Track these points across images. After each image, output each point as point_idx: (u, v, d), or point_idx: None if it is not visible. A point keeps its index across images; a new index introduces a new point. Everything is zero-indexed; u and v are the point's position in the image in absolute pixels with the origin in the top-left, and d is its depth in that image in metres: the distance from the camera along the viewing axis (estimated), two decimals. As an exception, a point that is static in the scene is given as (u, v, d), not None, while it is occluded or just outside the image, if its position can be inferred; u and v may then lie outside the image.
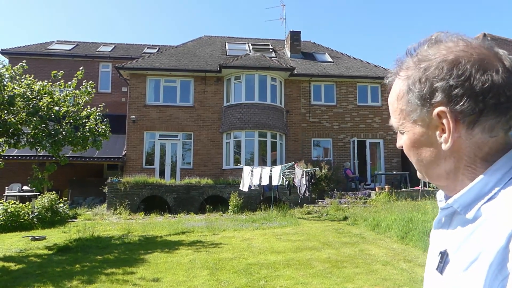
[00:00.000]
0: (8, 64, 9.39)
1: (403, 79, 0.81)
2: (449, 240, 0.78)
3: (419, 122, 0.79)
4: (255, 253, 7.68)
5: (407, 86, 0.79)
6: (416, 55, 0.80)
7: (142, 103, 18.29)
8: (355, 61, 21.70)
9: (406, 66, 0.81)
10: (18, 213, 11.55)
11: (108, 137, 10.24)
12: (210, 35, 23.83)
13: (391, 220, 9.83)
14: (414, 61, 0.79)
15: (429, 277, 0.83)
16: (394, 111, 0.84)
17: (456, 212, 0.78)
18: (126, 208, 14.64)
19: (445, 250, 0.77)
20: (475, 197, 0.74)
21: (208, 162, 18.17)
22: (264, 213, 13.59)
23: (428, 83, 0.75)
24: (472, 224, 0.73)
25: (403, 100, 0.81)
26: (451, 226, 0.80)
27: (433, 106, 0.75)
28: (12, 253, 8.11)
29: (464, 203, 0.75)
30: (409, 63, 0.81)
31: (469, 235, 0.72)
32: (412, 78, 0.78)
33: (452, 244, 0.76)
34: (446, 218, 0.82)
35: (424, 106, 0.77)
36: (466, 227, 0.74)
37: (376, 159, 19.47)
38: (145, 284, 5.79)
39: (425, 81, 0.76)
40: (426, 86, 0.76)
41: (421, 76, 0.77)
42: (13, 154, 16.63)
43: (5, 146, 9.34)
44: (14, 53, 21.63)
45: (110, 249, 8.39)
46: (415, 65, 0.78)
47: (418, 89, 0.77)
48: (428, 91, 0.75)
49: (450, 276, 0.73)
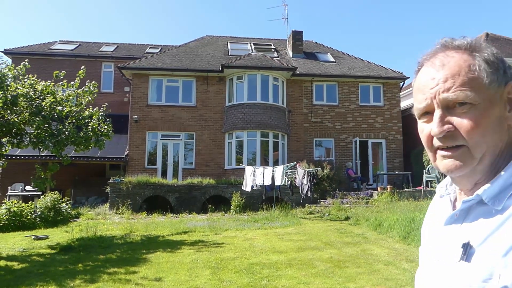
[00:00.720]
0: (11, 64, 9.43)
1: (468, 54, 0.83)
2: (468, 232, 0.80)
3: (495, 94, 0.81)
4: (257, 253, 7.68)
5: (484, 59, 0.81)
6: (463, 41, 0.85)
7: (144, 103, 18.32)
8: (357, 61, 21.68)
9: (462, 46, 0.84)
10: (21, 212, 11.60)
11: (111, 137, 10.26)
12: (212, 35, 23.85)
13: (393, 220, 9.82)
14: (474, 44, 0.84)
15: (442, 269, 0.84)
16: (467, 81, 0.80)
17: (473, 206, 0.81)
18: (129, 208, 14.67)
19: (468, 241, 0.78)
20: (501, 188, 0.77)
21: (210, 162, 18.19)
22: (266, 213, 13.59)
23: (501, 60, 0.82)
24: (502, 215, 0.75)
25: (480, 71, 0.81)
26: (468, 220, 0.82)
27: (505, 79, 0.81)
28: (15, 252, 8.15)
29: (492, 193, 0.77)
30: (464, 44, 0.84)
31: (500, 225, 0.74)
32: (486, 54, 0.82)
33: (475, 235, 0.78)
34: (461, 213, 0.83)
35: (501, 79, 0.81)
36: (494, 218, 0.76)
37: (378, 159, 19.45)
38: (147, 283, 5.80)
39: (499, 58, 0.83)
40: (500, 62, 0.82)
41: (494, 53, 0.83)
42: (16, 153, 16.70)
43: (8, 146, 9.37)
44: (17, 53, 21.69)
45: (113, 248, 8.42)
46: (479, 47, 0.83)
47: (497, 63, 0.82)
48: (503, 66, 0.82)
49: (482, 263, 0.74)
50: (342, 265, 6.67)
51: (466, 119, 0.79)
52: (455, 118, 0.80)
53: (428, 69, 0.85)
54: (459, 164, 0.80)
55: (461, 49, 0.83)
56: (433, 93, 0.82)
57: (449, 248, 0.83)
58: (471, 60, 0.81)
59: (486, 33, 21.75)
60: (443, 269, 0.83)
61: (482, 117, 0.79)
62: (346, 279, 5.84)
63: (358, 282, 5.70)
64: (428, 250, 0.92)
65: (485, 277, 0.73)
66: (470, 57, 0.82)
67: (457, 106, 0.80)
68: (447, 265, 0.82)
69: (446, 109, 0.81)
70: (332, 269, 6.45)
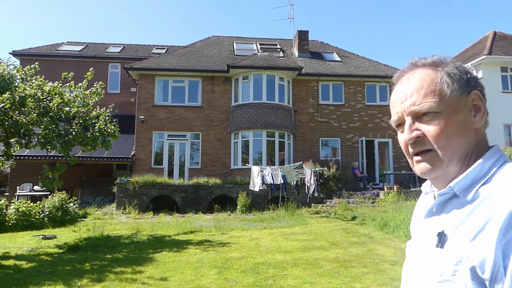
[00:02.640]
0: (19, 65, 9.53)
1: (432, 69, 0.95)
2: (444, 222, 0.89)
3: (458, 102, 0.91)
4: (263, 253, 7.70)
5: (446, 73, 0.93)
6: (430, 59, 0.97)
7: (150, 103, 18.41)
8: (364, 60, 21.60)
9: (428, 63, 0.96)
10: (29, 212, 11.72)
11: (117, 137, 10.33)
12: (218, 35, 23.89)
13: (400, 220, 9.78)
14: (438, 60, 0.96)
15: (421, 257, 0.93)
16: (429, 93, 0.92)
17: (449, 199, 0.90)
18: (135, 208, 14.76)
19: (442, 230, 0.88)
20: (472, 181, 0.87)
21: (216, 162, 18.22)
22: (272, 213, 13.60)
23: (463, 72, 0.94)
24: (471, 205, 0.85)
25: (442, 83, 0.92)
26: (444, 212, 0.91)
27: (468, 89, 0.92)
28: (23, 251, 8.24)
29: (463, 186, 0.87)
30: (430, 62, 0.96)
31: (469, 214, 0.84)
32: (448, 68, 0.94)
33: (449, 224, 0.88)
34: (438, 207, 0.93)
35: (463, 89, 0.92)
36: (464, 208, 0.86)
37: (385, 158, 19.36)
38: (153, 283, 5.84)
39: (461, 70, 0.94)
40: (463, 73, 0.93)
41: (457, 67, 0.94)
42: (24, 154, 16.86)
43: (17, 146, 9.48)
44: (25, 54, 21.90)
45: (119, 248, 8.48)
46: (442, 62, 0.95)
47: (459, 74, 0.93)
48: (465, 77, 0.93)
49: (453, 248, 0.84)
50: (348, 265, 6.66)
51: (432, 125, 0.91)
52: (423, 126, 0.92)
53: (398, 87, 0.99)
54: (429, 167, 0.92)
55: (426, 66, 0.96)
56: (403, 107, 0.95)
57: (428, 238, 0.92)
58: (434, 74, 0.94)
59: (494, 32, 21.56)
60: (422, 257, 0.93)
61: (446, 123, 0.90)
62: (352, 279, 5.83)
63: (364, 282, 5.69)
64: (413, 243, 1.02)
65: (456, 260, 0.82)
66: (433, 71, 0.94)
67: (424, 115, 0.92)
68: (425, 253, 0.92)
69: (415, 119, 0.93)
70: (338, 269, 6.44)
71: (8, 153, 9.41)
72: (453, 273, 0.82)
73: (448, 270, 0.83)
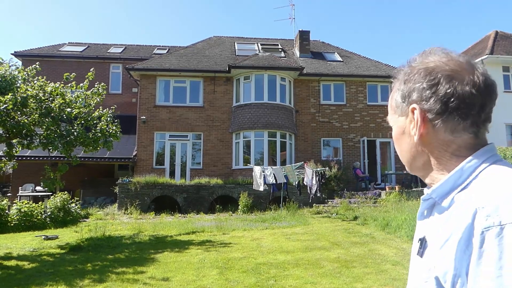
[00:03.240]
0: (21, 66, 9.55)
1: (396, 82, 0.99)
2: (427, 228, 0.90)
3: (401, 116, 0.95)
4: (265, 253, 7.69)
5: (397, 87, 0.97)
6: (409, 63, 0.97)
7: (152, 104, 18.43)
8: (365, 60, 21.58)
9: (400, 72, 0.98)
10: (31, 212, 11.74)
11: (119, 137, 10.34)
12: (219, 36, 23.91)
13: (401, 220, 9.76)
14: (405, 68, 0.97)
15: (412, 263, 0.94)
16: (390, 109, 1.01)
17: (436, 203, 0.89)
18: (137, 208, 14.77)
19: (423, 236, 0.89)
20: (451, 187, 0.85)
21: (217, 162, 18.23)
22: (273, 213, 13.59)
23: (409, 84, 0.92)
24: (447, 211, 0.84)
25: (393, 99, 0.98)
26: (431, 216, 0.91)
27: (410, 103, 0.92)
28: (25, 252, 8.25)
29: (441, 193, 0.87)
30: (402, 70, 0.97)
31: (445, 221, 0.83)
32: (400, 80, 0.96)
33: (430, 230, 0.88)
34: (427, 210, 0.93)
35: (404, 103, 0.93)
36: (443, 215, 0.85)
37: (387, 158, 19.34)
38: (155, 283, 5.84)
39: (407, 83, 0.93)
40: (407, 87, 0.93)
41: (406, 79, 0.94)
42: (26, 154, 16.90)
43: (19, 147, 9.51)
44: (27, 55, 21.96)
45: (121, 248, 8.49)
46: (404, 71, 0.96)
47: (402, 89, 0.95)
48: (408, 91, 0.92)
49: (428, 256, 0.85)
50: (349, 265, 6.65)
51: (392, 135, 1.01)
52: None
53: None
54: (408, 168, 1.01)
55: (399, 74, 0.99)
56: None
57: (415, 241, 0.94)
58: (394, 87, 0.99)
59: (496, 31, 21.52)
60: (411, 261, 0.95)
61: (395, 134, 0.98)
62: (354, 279, 5.83)
63: (365, 282, 5.68)
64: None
65: (430, 267, 0.83)
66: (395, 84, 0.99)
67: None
68: (412, 258, 0.94)
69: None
70: (340, 269, 6.43)
71: (10, 154, 9.44)
72: (426, 279, 0.83)
73: (423, 277, 0.85)
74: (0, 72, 8.61)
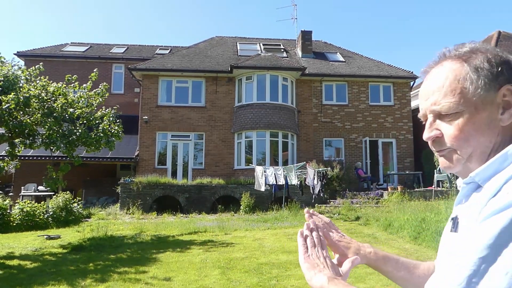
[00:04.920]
0: (23, 66, 9.57)
1: (459, 63, 0.88)
2: (461, 209, 0.90)
3: (482, 100, 0.85)
4: (266, 253, 7.69)
5: (473, 67, 0.86)
6: (463, 48, 0.91)
7: (154, 104, 18.45)
8: (367, 61, 21.55)
9: (459, 54, 0.90)
10: (34, 212, 11.77)
11: (121, 137, 10.35)
12: (221, 36, 23.91)
13: (404, 220, 9.74)
14: (467, 51, 0.90)
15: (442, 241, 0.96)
16: (449, 92, 0.88)
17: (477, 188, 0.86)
18: (139, 208, 14.79)
19: (456, 216, 0.90)
20: (494, 171, 0.83)
21: (219, 162, 18.24)
22: (275, 213, 13.58)
23: (496, 63, 0.86)
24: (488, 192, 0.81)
25: (464, 80, 0.86)
26: (468, 201, 0.89)
27: (499, 84, 0.85)
28: (27, 251, 8.27)
29: (484, 177, 0.83)
30: (461, 52, 0.90)
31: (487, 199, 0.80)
32: (477, 61, 0.87)
33: (463, 211, 0.88)
34: (465, 198, 0.90)
35: (491, 85, 0.85)
36: (481, 195, 0.82)
37: (389, 159, 19.30)
38: (157, 283, 5.84)
39: (493, 63, 0.86)
40: (495, 66, 0.85)
41: (489, 58, 0.87)
42: (28, 154, 16.93)
43: (21, 147, 9.53)
44: (29, 55, 22.02)
45: (123, 248, 8.49)
46: (474, 53, 0.89)
47: (487, 68, 0.86)
48: (496, 71, 0.85)
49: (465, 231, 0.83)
50: (351, 266, 6.63)
51: (451, 126, 0.87)
52: (443, 125, 0.89)
53: (425, 81, 0.95)
54: (449, 163, 0.91)
55: (454, 58, 0.90)
56: (426, 104, 0.92)
57: (448, 224, 0.95)
58: (459, 69, 0.88)
59: (499, 31, 21.44)
60: (442, 241, 0.95)
61: (466, 124, 0.86)
62: (356, 279, 5.81)
63: (367, 282, 5.67)
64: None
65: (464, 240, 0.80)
66: (460, 65, 0.88)
67: (446, 115, 0.88)
68: (444, 237, 0.95)
69: (437, 117, 0.91)
70: (342, 269, 6.41)
71: (12, 153, 9.47)
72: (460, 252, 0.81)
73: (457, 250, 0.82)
74: (2, 72, 8.64)
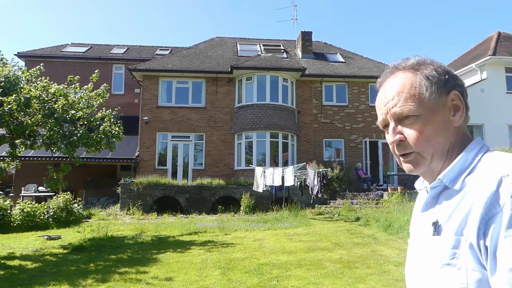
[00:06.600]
0: (24, 67, 9.59)
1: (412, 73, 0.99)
2: (437, 213, 0.95)
3: (437, 104, 0.96)
4: (267, 253, 7.70)
5: (425, 76, 0.98)
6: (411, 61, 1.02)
7: (154, 104, 18.47)
8: (367, 61, 21.57)
9: (410, 66, 1.01)
10: (34, 213, 11.78)
11: (121, 138, 10.36)
12: (221, 36, 23.93)
13: (404, 221, 9.75)
14: (417, 63, 1.01)
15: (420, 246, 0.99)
16: (409, 97, 0.97)
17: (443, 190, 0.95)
18: (139, 209, 14.80)
19: (436, 220, 0.93)
20: (458, 171, 0.93)
21: (219, 163, 18.25)
22: (275, 214, 13.60)
23: (442, 73, 0.98)
24: (459, 194, 0.90)
25: (420, 87, 0.97)
26: (438, 204, 0.96)
27: (447, 90, 0.97)
28: (28, 252, 8.28)
29: (451, 177, 0.93)
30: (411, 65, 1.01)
31: (458, 203, 0.89)
32: (427, 71, 0.98)
33: (442, 214, 0.93)
34: (432, 200, 0.98)
35: (442, 90, 0.96)
36: (454, 198, 0.91)
37: (389, 159, 19.29)
38: (157, 283, 5.86)
39: (440, 72, 0.98)
40: (442, 75, 0.98)
41: (436, 68, 0.98)
42: (29, 155, 16.95)
43: (22, 147, 9.54)
44: (30, 56, 22.04)
45: (124, 248, 8.51)
46: (422, 65, 1.00)
47: (437, 77, 0.97)
48: (444, 78, 0.97)
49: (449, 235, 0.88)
50: (351, 266, 6.65)
51: (412, 129, 0.96)
52: (405, 129, 0.98)
53: (382, 91, 1.05)
54: (413, 167, 0.99)
55: (406, 69, 1.01)
56: (386, 110, 1.01)
57: (425, 229, 0.97)
58: (414, 78, 0.98)
59: (499, 32, 21.47)
60: (420, 246, 0.98)
61: (425, 126, 0.95)
62: (356, 280, 5.83)
63: (367, 283, 5.68)
64: (411, 239, 1.07)
65: (453, 244, 0.87)
66: (413, 75, 0.99)
67: (405, 118, 0.97)
68: (422, 242, 0.97)
69: (398, 121, 0.99)
70: (342, 269, 6.44)
71: (13, 154, 9.48)
72: (452, 256, 0.86)
73: (447, 254, 0.87)
74: (4, 73, 8.65)
